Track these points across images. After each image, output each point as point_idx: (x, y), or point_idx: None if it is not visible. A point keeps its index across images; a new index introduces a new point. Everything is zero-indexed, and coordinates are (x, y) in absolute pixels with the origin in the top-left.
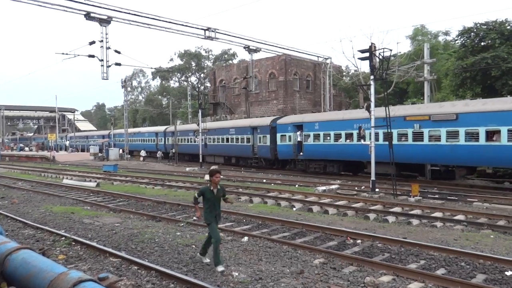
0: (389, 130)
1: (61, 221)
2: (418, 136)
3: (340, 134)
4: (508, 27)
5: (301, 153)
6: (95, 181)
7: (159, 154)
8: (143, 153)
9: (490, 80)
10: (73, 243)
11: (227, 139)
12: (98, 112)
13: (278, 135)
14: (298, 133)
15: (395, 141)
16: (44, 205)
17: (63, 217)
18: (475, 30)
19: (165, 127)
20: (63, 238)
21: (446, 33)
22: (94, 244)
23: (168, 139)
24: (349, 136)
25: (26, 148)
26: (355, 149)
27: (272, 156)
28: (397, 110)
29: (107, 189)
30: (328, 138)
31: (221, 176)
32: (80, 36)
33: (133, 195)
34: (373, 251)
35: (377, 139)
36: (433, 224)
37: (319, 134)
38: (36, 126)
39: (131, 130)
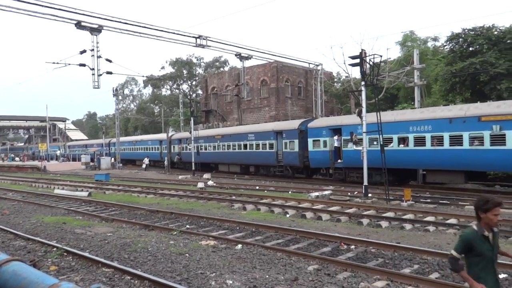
0: (380, 135)
1: (52, 232)
2: (498, 139)
3: (391, 138)
4: (495, 33)
5: (340, 161)
6: (87, 191)
7: (145, 162)
8: (146, 160)
9: (479, 85)
10: (65, 253)
11: (245, 145)
12: (89, 121)
13: (310, 140)
14: (336, 137)
15: (466, 145)
16: (35, 216)
17: (54, 228)
18: (463, 36)
19: (171, 134)
20: (54, 249)
21: (435, 39)
22: (86, 254)
23: (174, 147)
24: (402, 140)
25: (17, 158)
26: (411, 155)
27: (300, 163)
28: (467, 109)
29: (99, 198)
30: (375, 143)
31: (214, 184)
32: (71, 45)
33: (125, 204)
34: (367, 256)
35: (423, 143)
36: (426, 228)
37: (362, 139)
38: (26, 136)
39: (132, 138)
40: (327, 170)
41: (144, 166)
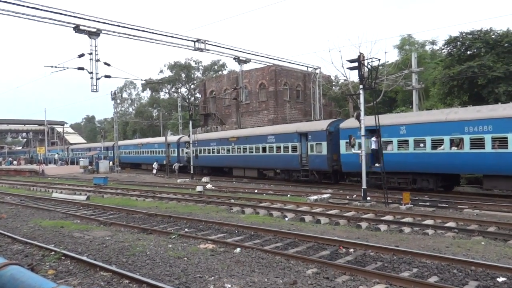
0: (380, 138)
1: (50, 236)
2: None
3: (441, 139)
4: (493, 36)
5: (377, 164)
6: (85, 194)
7: (176, 166)
8: (155, 165)
9: (477, 88)
10: (62, 257)
11: (264, 148)
12: (88, 125)
13: (342, 142)
14: (373, 139)
15: None
16: (33, 220)
17: (52, 232)
18: (461, 39)
19: (179, 136)
20: (52, 252)
21: (433, 43)
22: (84, 258)
23: (182, 150)
24: (455, 142)
25: (15, 162)
26: (466, 158)
27: (329, 167)
28: None
29: (98, 202)
30: (422, 145)
31: (213, 187)
32: (69, 49)
33: (123, 207)
34: (366, 260)
35: (481, 146)
36: (425, 232)
37: (406, 141)
38: (25, 139)
39: (138, 141)
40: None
41: (154, 171)
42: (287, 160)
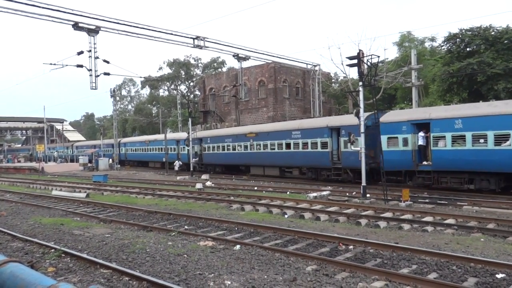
0: (379, 138)
1: (50, 233)
2: None
3: (508, 134)
4: (493, 33)
5: (426, 162)
6: (85, 192)
7: (177, 164)
8: (177, 163)
9: (476, 85)
10: (62, 255)
11: (288, 144)
12: (87, 122)
13: (384, 138)
14: (421, 134)
15: None
16: (33, 217)
17: (52, 229)
18: (460, 36)
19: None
20: (52, 250)
21: (432, 39)
22: (84, 255)
23: (193, 147)
24: None
25: (15, 160)
26: None
27: (366, 165)
28: None
29: (97, 199)
30: (482, 140)
31: (212, 184)
32: (68, 46)
33: (123, 205)
34: (365, 256)
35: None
36: (424, 229)
37: (463, 136)
38: (24, 137)
39: (144, 137)
40: (405, 175)
41: (176, 168)
42: (315, 158)
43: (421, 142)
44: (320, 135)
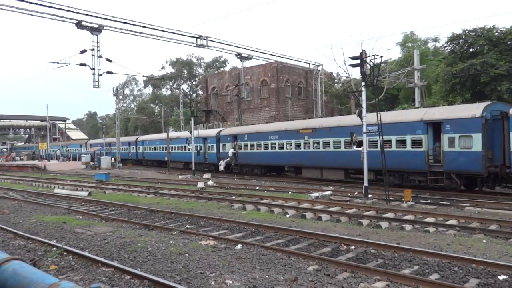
0: (381, 136)
1: (52, 231)
2: None
3: None
4: (496, 34)
5: None
6: (87, 190)
7: (222, 164)
8: (222, 163)
9: (479, 86)
10: (64, 253)
11: (360, 142)
12: (89, 121)
13: None
14: None
15: None
16: (35, 215)
17: (54, 227)
18: (463, 37)
19: (218, 130)
20: (54, 248)
21: (435, 40)
22: (86, 253)
23: (224, 145)
24: None
25: (17, 158)
26: None
27: (483, 169)
28: None
29: (99, 198)
30: None
31: (214, 183)
32: (71, 45)
33: (125, 203)
34: (367, 257)
35: None
36: (426, 229)
37: None
38: (27, 135)
39: (163, 135)
40: None
41: (222, 168)
42: (402, 159)
43: None
44: (410, 131)
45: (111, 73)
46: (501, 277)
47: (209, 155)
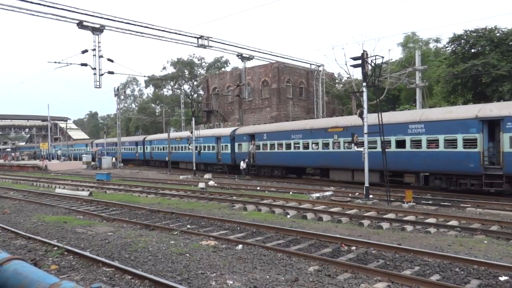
0: (382, 137)
1: (53, 231)
2: None
3: None
4: (498, 34)
5: None
6: (88, 190)
7: (243, 165)
8: (243, 165)
9: (481, 87)
10: (65, 253)
11: (401, 142)
12: (91, 121)
13: None
14: None
15: None
16: (36, 215)
17: (55, 227)
18: (465, 37)
19: (233, 128)
20: (55, 248)
21: (437, 40)
22: (87, 253)
23: (240, 145)
24: None
25: (13, 159)
26: None
27: None
28: None
29: (100, 198)
30: None
31: (215, 184)
32: (73, 45)
33: (126, 203)
34: (368, 257)
35: None
36: (427, 230)
37: None
38: (28, 135)
39: (176, 134)
40: None
41: (244, 165)
42: (452, 160)
43: None
44: (462, 130)
45: (112, 73)
46: (502, 278)
47: (222, 155)
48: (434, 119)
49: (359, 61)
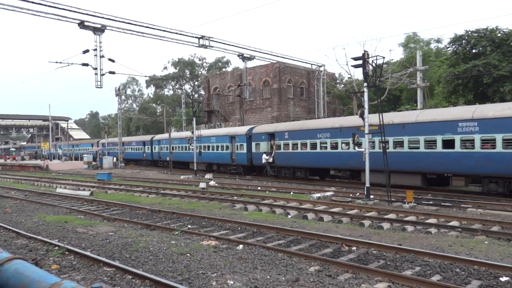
0: (383, 137)
1: (54, 231)
2: None
3: None
4: (499, 35)
5: None
6: (89, 190)
7: (266, 158)
8: (266, 156)
9: (482, 87)
10: (66, 252)
11: (448, 142)
12: (92, 121)
13: None
14: None
15: None
16: (37, 215)
17: (56, 227)
18: (466, 38)
19: (249, 127)
20: (56, 247)
21: (438, 41)
22: (87, 253)
23: (258, 145)
24: None
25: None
26: None
27: None
28: None
29: (101, 198)
30: None
31: (216, 184)
32: (74, 45)
33: (127, 203)
34: (368, 258)
35: None
36: (428, 231)
37: None
38: (29, 135)
39: (186, 133)
40: None
41: (264, 160)
42: None
43: None
44: None
45: (113, 73)
46: (503, 279)
47: (237, 156)
48: (490, 116)
49: (360, 61)
